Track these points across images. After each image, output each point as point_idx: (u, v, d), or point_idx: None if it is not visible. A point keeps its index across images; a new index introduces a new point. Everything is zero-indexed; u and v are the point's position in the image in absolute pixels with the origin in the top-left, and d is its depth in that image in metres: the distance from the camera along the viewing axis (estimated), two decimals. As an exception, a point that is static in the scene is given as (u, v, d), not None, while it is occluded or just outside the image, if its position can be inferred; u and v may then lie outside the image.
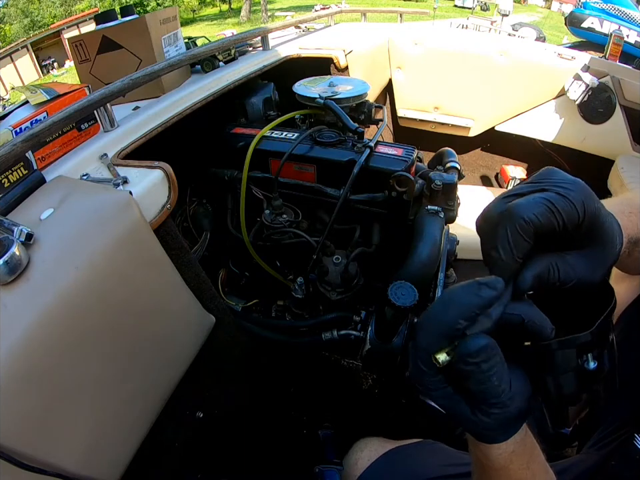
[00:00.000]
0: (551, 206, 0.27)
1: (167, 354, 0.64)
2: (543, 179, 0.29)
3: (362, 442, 0.66)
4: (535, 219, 0.27)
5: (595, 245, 0.30)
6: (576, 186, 0.28)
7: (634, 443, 0.49)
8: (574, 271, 0.29)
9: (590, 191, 0.28)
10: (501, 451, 0.31)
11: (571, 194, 0.27)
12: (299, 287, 0.90)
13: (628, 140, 1.35)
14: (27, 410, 0.44)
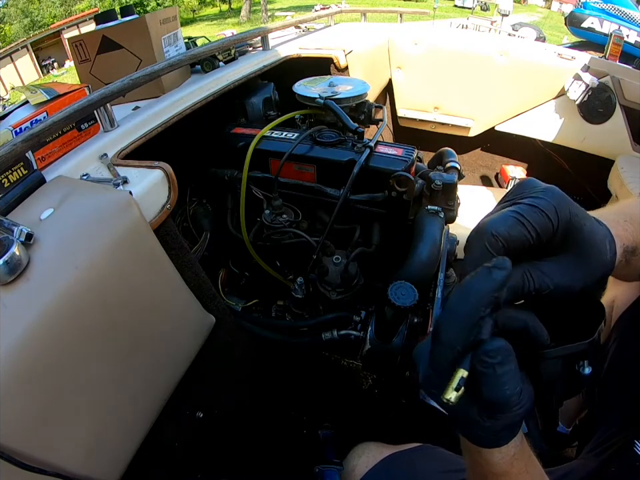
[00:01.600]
0: (521, 217, 0.27)
1: (166, 354, 0.64)
2: (516, 193, 0.30)
3: (360, 447, 0.66)
4: (505, 232, 0.27)
5: (573, 251, 0.29)
6: (546, 194, 0.28)
7: (634, 449, 0.49)
8: (550, 279, 0.28)
9: (563, 197, 0.28)
10: (503, 455, 0.30)
11: (541, 202, 0.27)
12: (299, 286, 0.90)
13: (628, 140, 1.35)
14: (26, 410, 0.44)
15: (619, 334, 0.63)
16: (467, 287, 0.26)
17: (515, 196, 0.30)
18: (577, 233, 0.29)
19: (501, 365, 0.25)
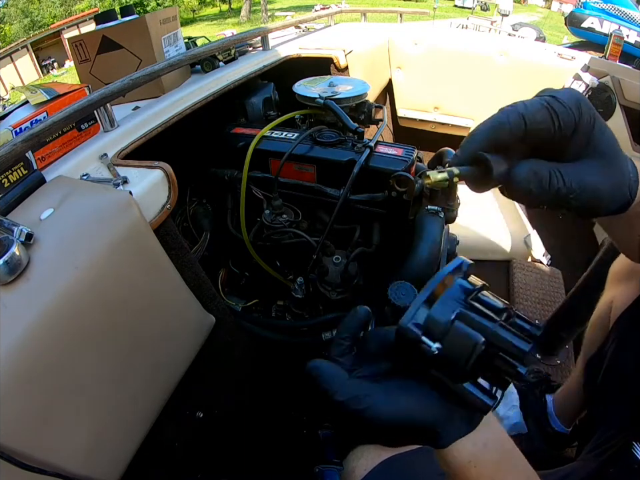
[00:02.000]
0: (547, 105, 0.28)
1: (166, 354, 0.64)
2: (539, 93, 0.31)
3: (359, 450, 0.65)
4: (531, 114, 0.28)
5: (598, 157, 0.29)
6: (569, 92, 0.29)
7: (633, 452, 0.49)
8: (577, 177, 0.29)
9: (586, 99, 0.29)
10: (457, 460, 0.31)
11: (565, 97, 0.29)
12: (299, 286, 0.90)
13: (628, 140, 1.35)
14: (26, 410, 0.44)
15: (617, 335, 0.63)
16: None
17: (539, 95, 0.31)
18: (599, 134, 0.29)
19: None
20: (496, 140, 0.30)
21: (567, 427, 0.90)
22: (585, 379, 0.75)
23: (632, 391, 0.55)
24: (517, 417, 0.94)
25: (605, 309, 0.72)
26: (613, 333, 0.65)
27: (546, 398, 0.95)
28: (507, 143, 0.29)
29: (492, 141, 0.30)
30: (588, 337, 0.80)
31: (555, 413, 0.92)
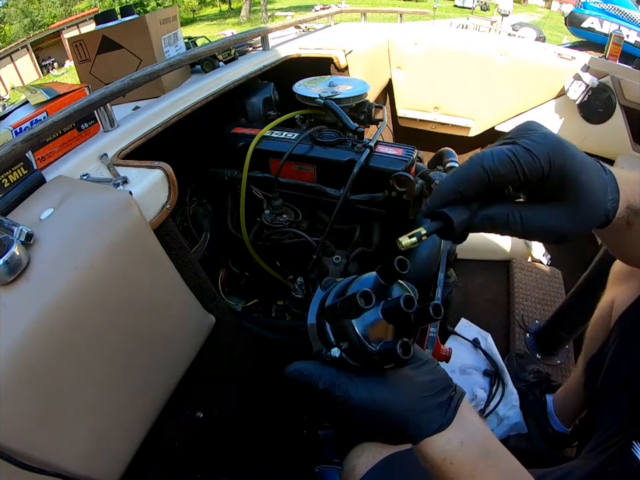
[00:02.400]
0: (512, 157, 0.28)
1: (166, 354, 0.64)
2: (516, 133, 0.31)
3: (359, 447, 0.66)
4: (494, 167, 0.28)
5: (565, 199, 0.30)
6: (544, 139, 0.29)
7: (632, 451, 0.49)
8: (538, 219, 0.30)
9: (560, 144, 0.29)
10: (430, 456, 0.33)
11: (536, 147, 0.28)
12: (299, 287, 0.90)
13: (628, 140, 1.35)
14: (26, 410, 0.44)
15: (618, 334, 0.63)
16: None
17: (514, 135, 0.31)
18: (571, 181, 0.30)
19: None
20: (460, 192, 0.30)
21: (567, 426, 0.90)
22: (586, 378, 0.75)
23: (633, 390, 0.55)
24: (517, 416, 0.94)
25: (606, 309, 0.72)
26: (614, 333, 0.65)
27: (546, 398, 0.95)
28: (471, 194, 0.30)
29: (457, 193, 0.30)
30: (589, 336, 0.80)
31: (555, 412, 0.92)
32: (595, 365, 0.69)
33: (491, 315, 1.25)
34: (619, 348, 0.62)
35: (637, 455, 0.49)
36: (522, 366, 1.06)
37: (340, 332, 0.35)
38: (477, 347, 1.09)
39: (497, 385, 1.00)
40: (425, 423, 0.32)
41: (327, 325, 0.36)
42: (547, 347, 1.11)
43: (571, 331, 1.05)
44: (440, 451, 0.32)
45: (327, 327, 0.36)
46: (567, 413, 0.90)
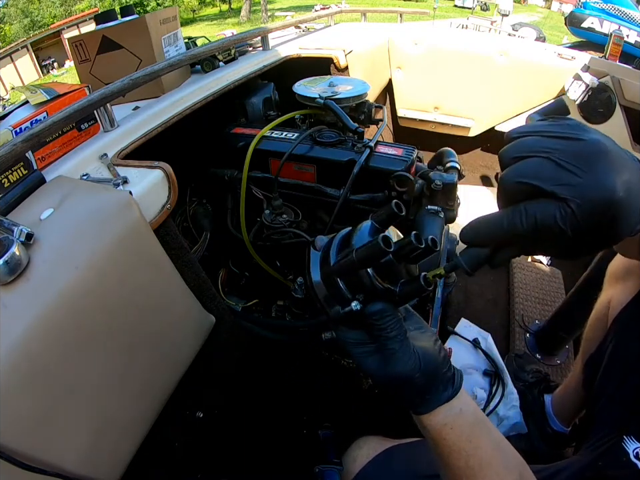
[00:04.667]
0: (560, 219, 0.26)
1: (166, 354, 0.64)
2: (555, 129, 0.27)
3: (361, 440, 0.66)
4: (536, 226, 0.27)
5: (606, 236, 0.27)
6: (591, 196, 0.25)
7: (622, 445, 0.50)
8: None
9: (611, 200, 0.25)
10: (433, 423, 0.35)
11: (583, 210, 0.25)
12: (299, 286, 0.90)
13: (628, 140, 1.35)
14: (26, 410, 0.44)
15: (615, 334, 0.64)
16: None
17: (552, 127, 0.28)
18: (615, 228, 0.26)
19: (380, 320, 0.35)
20: (496, 241, 0.31)
21: (566, 426, 0.90)
22: (584, 378, 0.75)
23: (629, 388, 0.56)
24: (516, 417, 0.94)
25: (603, 309, 0.72)
26: (611, 332, 0.65)
27: (544, 398, 0.95)
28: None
29: (493, 241, 0.31)
30: (586, 336, 0.80)
31: (553, 412, 0.92)
32: (592, 365, 0.69)
33: (491, 315, 1.25)
34: (616, 347, 0.62)
35: (626, 449, 0.49)
36: (521, 366, 1.06)
37: (354, 285, 0.35)
38: (477, 347, 1.09)
39: (497, 385, 1.00)
40: (440, 394, 0.35)
41: (339, 282, 0.36)
42: (546, 346, 1.11)
43: (571, 331, 1.05)
44: (442, 417, 0.35)
45: (340, 283, 0.36)
46: (565, 412, 0.90)
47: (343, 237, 0.39)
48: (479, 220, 0.30)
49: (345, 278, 0.36)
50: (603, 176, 0.25)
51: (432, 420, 0.35)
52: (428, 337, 0.37)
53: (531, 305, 1.25)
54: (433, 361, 0.35)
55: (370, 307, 0.35)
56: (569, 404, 0.88)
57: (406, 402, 0.36)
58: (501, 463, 0.36)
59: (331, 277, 0.37)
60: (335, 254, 0.38)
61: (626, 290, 0.64)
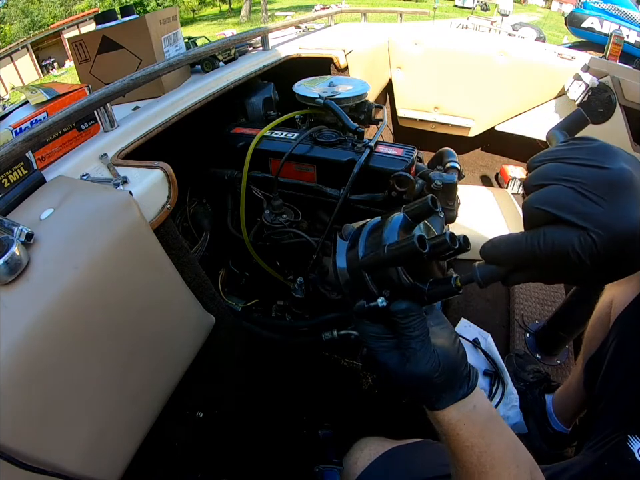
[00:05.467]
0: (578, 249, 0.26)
1: (166, 354, 0.64)
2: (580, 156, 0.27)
3: (362, 441, 0.66)
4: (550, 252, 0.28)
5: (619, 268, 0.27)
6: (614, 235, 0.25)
7: (627, 445, 0.50)
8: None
9: (632, 236, 0.25)
10: (447, 419, 0.35)
11: (605, 246, 0.25)
12: (299, 286, 0.90)
13: (628, 140, 1.35)
14: (27, 410, 0.44)
15: (617, 333, 0.63)
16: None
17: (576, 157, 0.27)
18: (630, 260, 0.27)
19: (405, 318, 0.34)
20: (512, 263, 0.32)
21: (567, 426, 0.90)
22: (585, 378, 0.75)
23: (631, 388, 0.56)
24: (516, 416, 0.94)
25: (605, 309, 0.72)
26: (613, 332, 0.65)
27: (545, 398, 0.95)
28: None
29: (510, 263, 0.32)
30: (588, 336, 0.80)
31: (554, 412, 0.92)
32: (594, 364, 0.69)
33: (491, 315, 1.25)
34: (618, 347, 0.62)
35: (631, 448, 0.49)
36: (521, 366, 1.06)
37: (381, 279, 0.35)
38: (477, 347, 1.09)
39: (497, 385, 1.00)
40: (456, 392, 0.35)
41: (367, 276, 0.35)
42: (546, 346, 1.11)
43: (571, 331, 1.05)
44: (456, 413, 0.35)
45: (367, 277, 0.35)
46: (566, 412, 0.90)
47: (372, 227, 0.38)
48: (500, 238, 0.31)
49: (372, 272, 0.35)
50: (627, 208, 0.25)
51: (446, 415, 0.35)
52: (448, 334, 0.37)
53: (531, 305, 1.25)
54: (452, 361, 0.35)
55: (396, 304, 0.34)
56: (570, 403, 0.88)
57: (420, 399, 0.36)
58: (513, 461, 0.36)
59: (358, 270, 0.36)
60: (363, 246, 0.37)
61: (628, 289, 0.64)
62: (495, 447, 0.35)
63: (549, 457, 0.91)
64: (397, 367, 0.35)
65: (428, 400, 0.36)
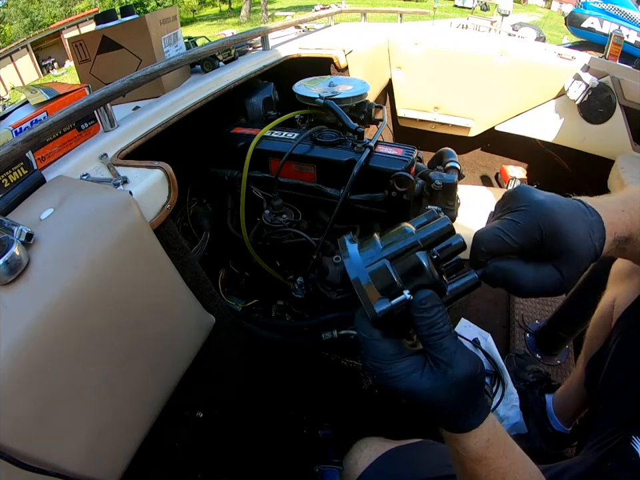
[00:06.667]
0: (502, 234, 0.32)
1: (166, 354, 0.64)
2: (507, 204, 0.34)
3: (362, 442, 0.66)
4: (489, 244, 0.32)
5: (563, 256, 0.32)
6: (532, 208, 0.32)
7: (631, 445, 0.49)
8: (539, 279, 0.32)
9: (547, 210, 0.31)
10: (477, 440, 0.32)
11: (524, 219, 0.32)
12: (299, 286, 0.90)
13: (628, 140, 1.35)
14: (27, 410, 0.44)
15: (620, 332, 0.63)
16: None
17: (506, 207, 0.34)
18: (559, 242, 0.32)
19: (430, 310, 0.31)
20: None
21: (567, 426, 0.90)
22: (587, 377, 0.74)
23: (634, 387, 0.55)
24: (516, 416, 0.94)
25: (607, 308, 0.72)
26: (616, 331, 0.64)
27: (545, 398, 0.95)
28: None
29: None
30: (589, 335, 0.80)
31: (554, 412, 0.92)
32: (595, 364, 0.69)
33: (491, 315, 1.25)
34: (620, 346, 0.61)
35: (636, 449, 0.49)
36: (521, 366, 1.06)
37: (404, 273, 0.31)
38: (477, 347, 1.09)
39: (497, 385, 1.00)
40: (485, 399, 0.32)
41: (389, 267, 0.31)
42: (547, 346, 1.11)
43: (571, 331, 1.05)
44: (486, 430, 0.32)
45: (390, 268, 0.31)
46: (566, 412, 0.90)
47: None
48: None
49: (397, 263, 0.31)
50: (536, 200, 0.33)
51: (477, 436, 0.31)
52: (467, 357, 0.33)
53: (531, 305, 1.25)
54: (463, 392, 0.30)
55: (420, 294, 0.30)
56: (570, 403, 0.88)
57: (459, 415, 0.31)
58: (529, 477, 0.34)
59: (379, 264, 0.31)
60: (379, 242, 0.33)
61: (631, 288, 0.64)
62: (516, 466, 0.34)
63: (549, 457, 0.91)
64: (434, 383, 0.29)
65: (465, 416, 0.31)
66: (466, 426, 0.31)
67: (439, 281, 0.31)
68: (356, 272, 0.31)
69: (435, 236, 0.31)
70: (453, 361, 0.29)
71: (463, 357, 0.30)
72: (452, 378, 0.29)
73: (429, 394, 0.29)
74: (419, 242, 0.31)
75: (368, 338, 0.31)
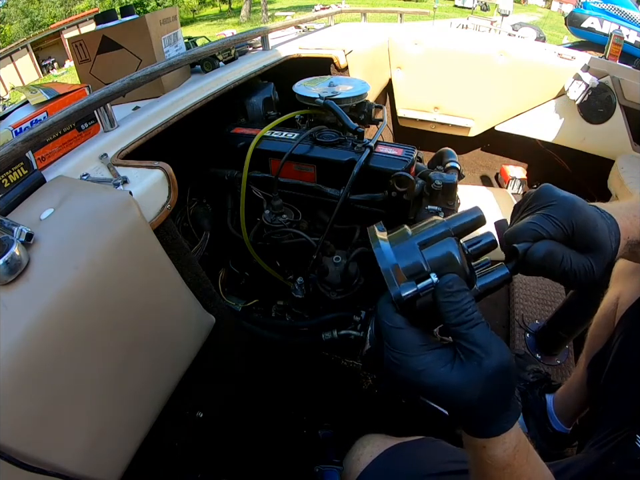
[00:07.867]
0: (537, 227, 0.32)
1: (166, 354, 0.64)
2: (534, 202, 0.35)
3: (364, 438, 0.66)
4: (526, 237, 0.33)
5: (592, 249, 0.33)
6: (562, 203, 0.33)
7: (635, 444, 0.49)
8: (582, 264, 0.33)
9: (577, 205, 0.33)
10: (506, 447, 0.29)
11: (557, 212, 0.33)
12: (299, 286, 0.90)
13: (628, 140, 1.35)
14: (27, 410, 0.44)
15: (623, 330, 0.63)
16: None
17: (532, 205, 0.35)
18: (593, 233, 0.33)
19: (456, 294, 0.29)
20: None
21: (567, 426, 0.90)
22: (589, 376, 0.74)
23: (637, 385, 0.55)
24: (517, 416, 0.94)
25: (610, 306, 0.71)
26: (619, 329, 0.64)
27: (545, 398, 0.95)
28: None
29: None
30: (592, 334, 0.79)
31: (554, 412, 0.91)
32: (598, 362, 0.68)
33: (491, 315, 1.25)
34: (623, 344, 0.61)
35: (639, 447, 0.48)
36: (522, 366, 1.06)
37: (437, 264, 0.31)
38: (477, 346, 1.09)
39: (497, 385, 1.00)
40: (508, 419, 0.30)
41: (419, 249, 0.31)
42: (547, 346, 1.11)
43: (571, 331, 1.05)
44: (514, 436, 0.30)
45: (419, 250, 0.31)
46: (567, 412, 0.90)
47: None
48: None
49: (426, 249, 0.31)
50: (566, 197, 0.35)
51: (506, 442, 0.29)
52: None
53: (530, 305, 1.25)
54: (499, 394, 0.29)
55: (445, 277, 0.28)
56: (571, 403, 0.88)
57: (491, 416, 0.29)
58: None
59: (407, 247, 0.31)
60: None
61: (635, 286, 0.63)
62: (536, 471, 0.32)
63: (549, 456, 0.91)
64: (464, 378, 0.26)
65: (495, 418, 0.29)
66: (497, 430, 0.29)
67: (468, 271, 0.31)
68: (383, 254, 0.33)
69: (465, 224, 0.32)
70: (489, 350, 0.27)
71: (500, 345, 0.27)
72: (488, 369, 0.26)
73: (461, 389, 0.27)
74: (450, 229, 0.31)
75: (391, 326, 0.29)
